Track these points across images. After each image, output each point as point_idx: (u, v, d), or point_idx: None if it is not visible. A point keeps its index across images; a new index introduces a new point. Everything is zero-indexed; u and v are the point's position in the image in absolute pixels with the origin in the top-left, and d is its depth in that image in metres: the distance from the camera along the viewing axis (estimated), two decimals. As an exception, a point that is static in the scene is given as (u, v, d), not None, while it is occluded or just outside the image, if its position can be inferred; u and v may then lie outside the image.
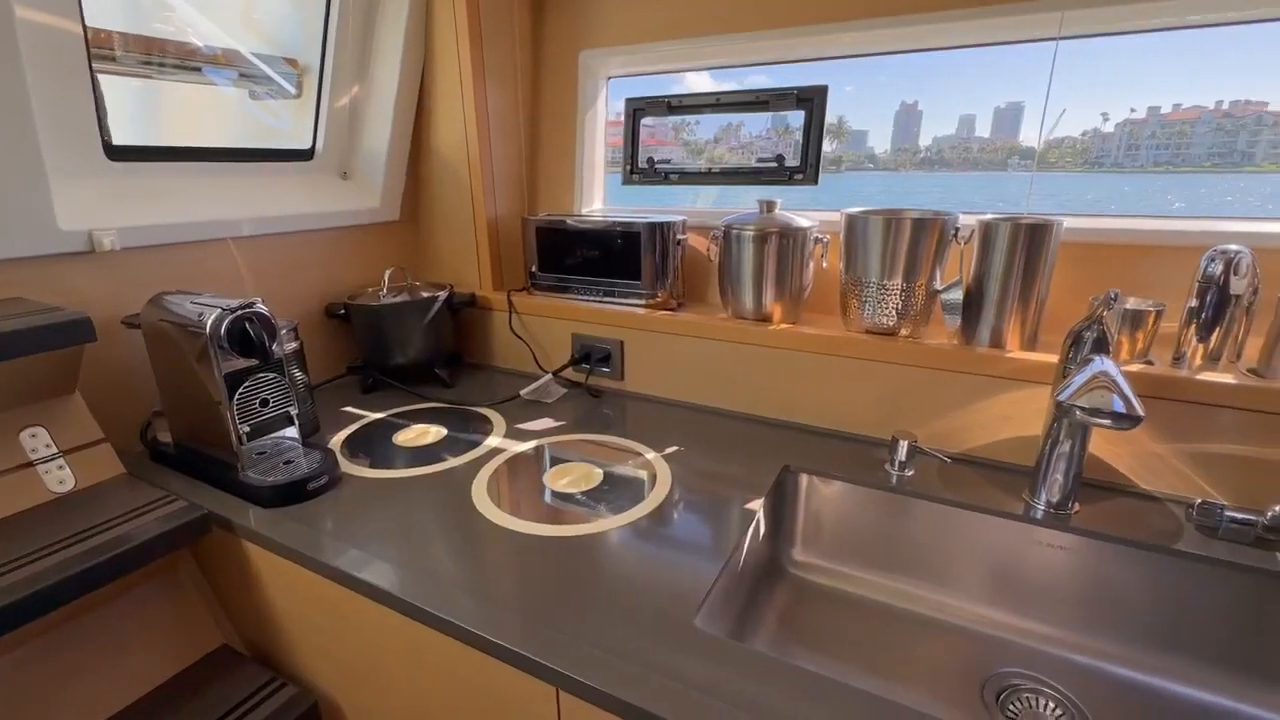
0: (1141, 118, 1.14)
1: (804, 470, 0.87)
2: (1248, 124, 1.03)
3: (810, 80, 1.07)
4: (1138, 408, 0.52)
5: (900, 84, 1.24)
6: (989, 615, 0.80)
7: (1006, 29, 0.88)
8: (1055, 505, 0.75)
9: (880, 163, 1.39)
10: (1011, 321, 0.85)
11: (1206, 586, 0.69)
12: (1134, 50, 0.89)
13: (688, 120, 1.32)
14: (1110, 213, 0.91)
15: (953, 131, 1.33)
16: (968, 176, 1.33)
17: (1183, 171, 1.10)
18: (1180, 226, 0.85)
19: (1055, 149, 1.21)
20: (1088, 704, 0.69)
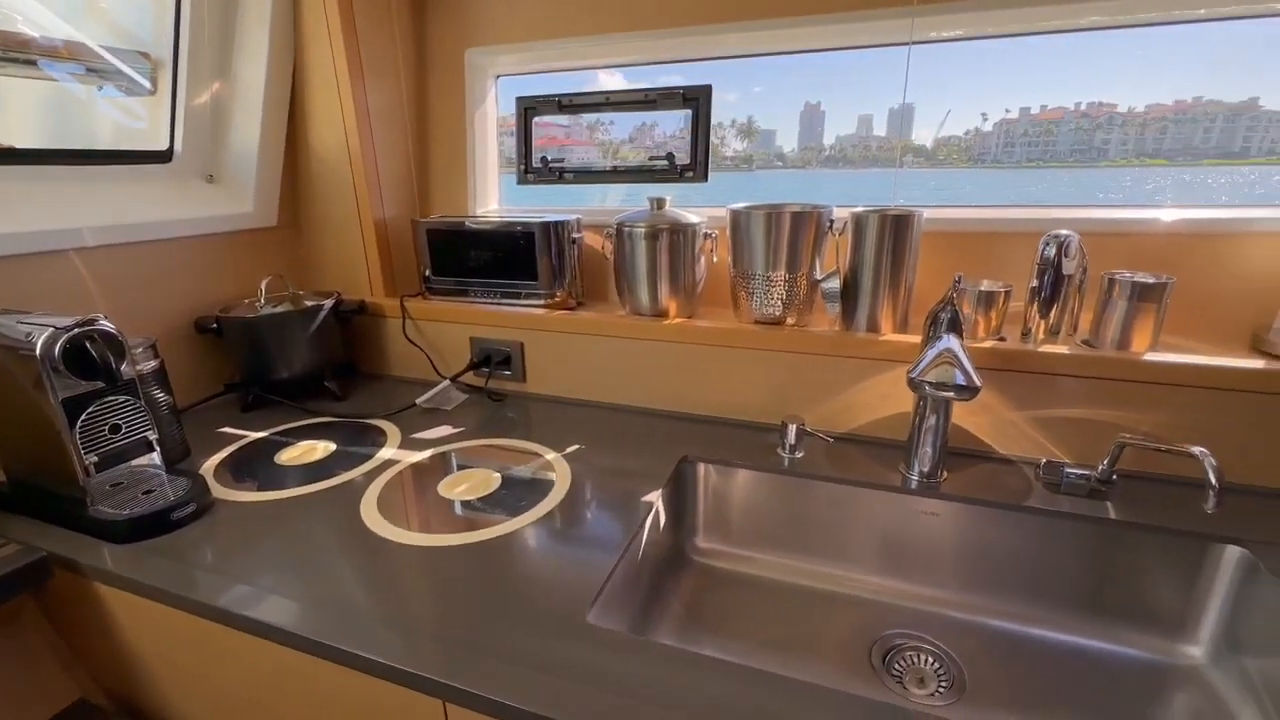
0: (1015, 118, 1.25)
1: (701, 460, 0.89)
2: (1102, 123, 1.15)
3: (720, 78, 1.10)
4: (975, 379, 0.58)
5: (804, 85, 1.30)
6: (877, 583, 0.85)
7: (865, 33, 0.94)
8: (926, 475, 0.81)
9: (789, 161, 1.45)
10: (885, 306, 0.90)
11: (1055, 538, 0.76)
12: (1007, 55, 0.97)
13: (603, 120, 1.32)
14: (964, 204, 0.99)
15: (853, 130, 1.40)
16: (867, 173, 1.41)
17: (1050, 166, 1.21)
18: (1022, 215, 0.93)
19: (944, 146, 1.30)
20: (961, 655, 0.74)
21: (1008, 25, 0.89)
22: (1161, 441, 0.71)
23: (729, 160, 1.49)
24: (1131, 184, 1.13)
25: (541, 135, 1.40)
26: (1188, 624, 0.72)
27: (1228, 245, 0.86)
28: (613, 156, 1.29)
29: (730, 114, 1.46)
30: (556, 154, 1.23)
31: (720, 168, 1.51)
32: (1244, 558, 0.67)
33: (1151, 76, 1.07)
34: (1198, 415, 0.77)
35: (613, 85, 1.25)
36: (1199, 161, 1.12)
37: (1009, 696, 0.70)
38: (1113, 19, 0.87)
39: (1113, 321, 0.82)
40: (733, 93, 1.34)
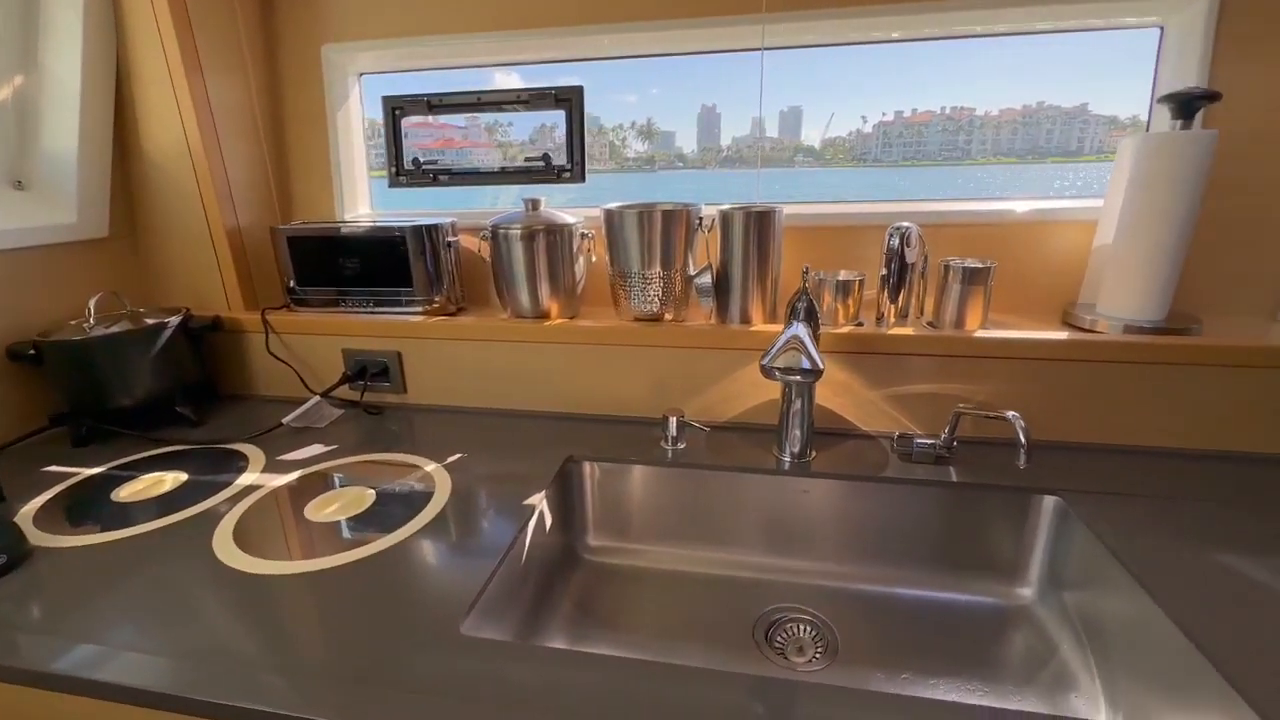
0: (891, 120, 1.34)
1: (587, 459, 0.89)
2: (964, 125, 1.27)
3: (620, 80, 1.10)
4: (819, 363, 0.62)
5: (701, 87, 1.32)
6: (760, 562, 0.89)
7: (721, 38, 0.99)
8: (797, 456, 0.86)
9: (689, 161, 1.48)
10: (755, 298, 0.95)
11: (910, 503, 0.83)
12: (883, 61, 1.05)
13: (502, 121, 1.29)
14: (823, 200, 1.07)
15: (747, 132, 1.46)
16: (761, 173, 1.47)
17: (923, 165, 1.32)
18: (871, 209, 1.01)
19: (830, 147, 1.38)
20: (835, 621, 0.80)
21: (848, 34, 0.96)
22: (989, 409, 0.80)
23: (631, 161, 1.51)
24: (989, 179, 1.26)
25: (438, 137, 1.36)
26: (1019, 568, 0.81)
27: (1041, 233, 0.98)
28: (521, 159, 1.27)
29: (630, 115, 1.47)
30: (455, 155, 1.20)
31: (624, 168, 1.52)
32: (1058, 505, 0.77)
33: (1003, 83, 1.18)
34: (1020, 383, 0.86)
35: (512, 86, 1.23)
36: (1044, 159, 1.26)
37: (877, 653, 0.75)
38: (946, 30, 0.96)
39: (950, 304, 0.91)
40: (632, 94, 1.35)
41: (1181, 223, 0.81)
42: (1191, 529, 0.68)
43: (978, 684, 0.70)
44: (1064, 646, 0.73)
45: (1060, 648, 0.73)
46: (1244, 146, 0.88)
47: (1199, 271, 0.92)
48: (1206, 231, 0.91)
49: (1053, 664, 0.72)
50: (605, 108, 1.38)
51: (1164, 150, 0.80)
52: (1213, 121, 0.88)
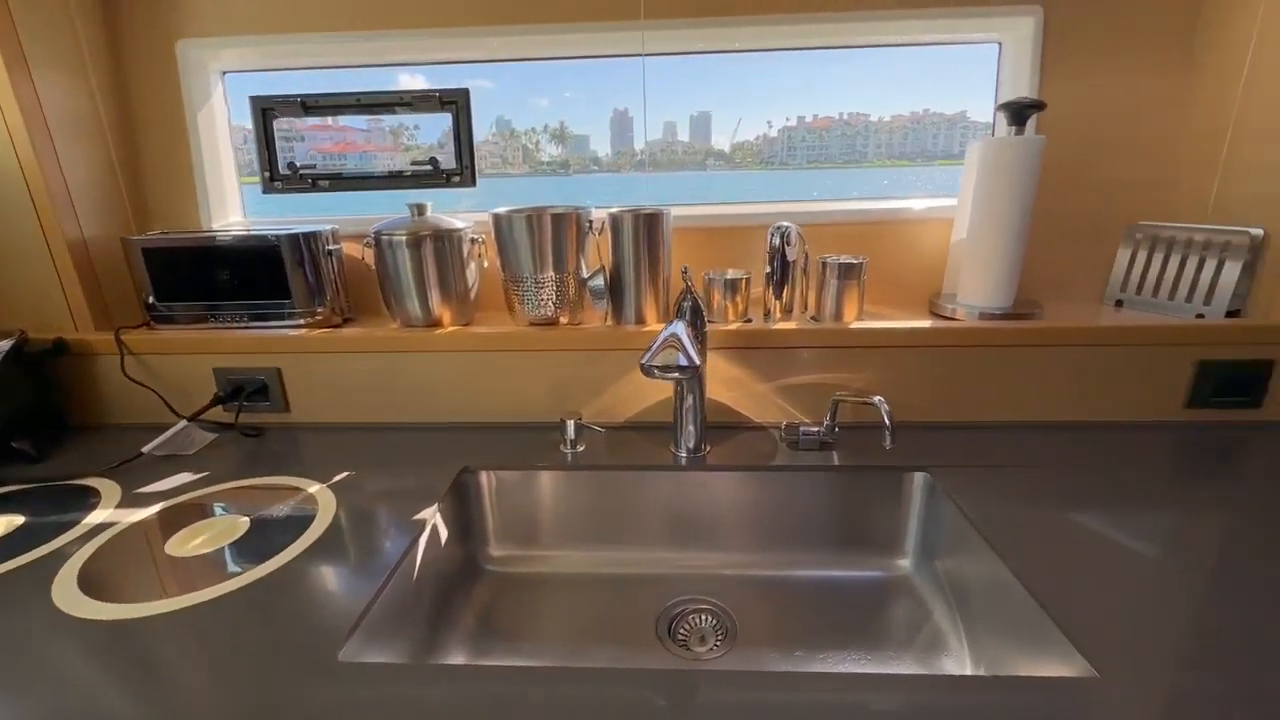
0: (794, 125, 1.40)
1: (484, 468, 0.88)
2: (860, 130, 1.34)
3: (534, 83, 1.07)
4: (695, 359, 0.64)
5: (614, 91, 1.32)
6: (662, 557, 0.90)
7: (603, 44, 1.00)
8: (693, 451, 0.89)
9: (604, 165, 1.47)
10: (648, 299, 0.97)
11: (800, 489, 0.87)
12: (785, 69, 1.09)
13: (407, 124, 1.24)
14: (710, 201, 1.10)
15: (660, 136, 1.47)
16: (675, 176, 1.48)
17: (825, 167, 1.38)
18: (755, 210, 1.06)
19: (739, 151, 1.42)
20: (734, 608, 0.82)
21: (721, 43, 1.00)
22: (866, 395, 0.85)
23: (546, 165, 1.49)
24: (885, 180, 1.34)
25: (339, 140, 1.29)
26: (897, 542, 0.87)
27: (909, 230, 1.06)
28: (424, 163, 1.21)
29: (543, 119, 1.45)
30: (359, 160, 1.14)
31: (539, 172, 1.49)
32: (926, 480, 0.83)
33: (894, 92, 1.26)
34: (894, 369, 0.93)
35: (419, 88, 1.17)
36: (931, 162, 1.36)
37: (773, 634, 0.79)
38: (804, 41, 1.02)
39: (828, 298, 0.96)
40: (544, 98, 1.33)
41: (1019, 219, 0.90)
42: (1036, 493, 0.76)
43: (862, 653, 0.75)
44: (937, 611, 0.79)
45: (934, 613, 0.79)
46: (1070, 150, 1.00)
47: (1039, 262, 1.03)
48: (1043, 227, 1.02)
49: (927, 628, 0.78)
50: (518, 111, 1.36)
51: (1001, 154, 0.89)
52: (1045, 128, 0.99)
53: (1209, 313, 0.91)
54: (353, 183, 1.14)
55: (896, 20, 0.96)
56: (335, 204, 1.15)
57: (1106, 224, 1.03)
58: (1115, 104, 0.99)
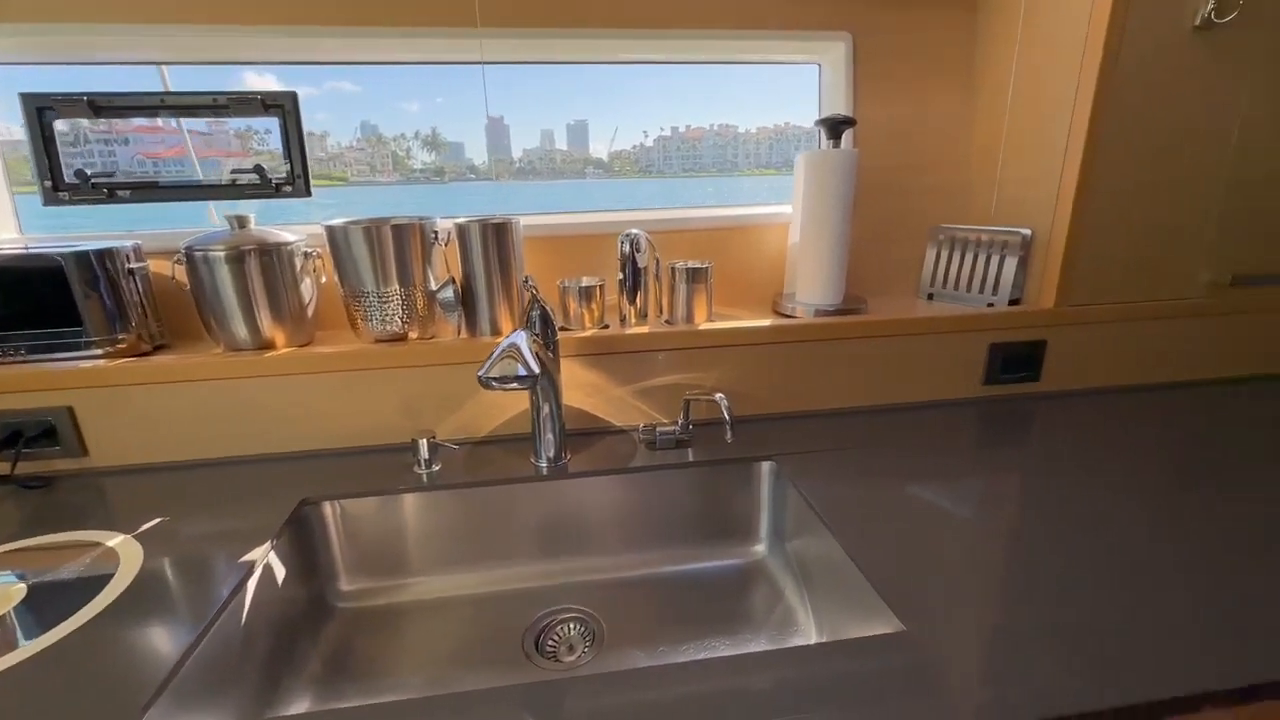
0: (669, 135, 1.43)
1: (327, 498, 0.82)
2: (730, 141, 1.40)
3: (404, 87, 1.00)
4: (534, 368, 0.65)
5: (487, 97, 1.27)
6: (529, 570, 0.89)
7: (439, 49, 0.97)
8: (553, 460, 0.88)
9: (481, 173, 1.41)
10: (502, 309, 0.95)
11: (660, 487, 0.90)
12: (658, 81, 1.10)
13: (256, 127, 1.10)
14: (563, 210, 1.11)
15: (537, 144, 1.44)
16: (554, 184, 1.46)
17: (700, 175, 1.42)
18: (608, 218, 1.08)
19: (618, 159, 1.42)
20: (601, 613, 0.83)
21: (560, 53, 1.01)
22: (713, 393, 0.90)
23: (419, 173, 1.42)
24: (754, 187, 1.41)
25: (173, 144, 1.14)
26: (751, 528, 0.92)
27: (753, 235, 1.13)
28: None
29: (414, 124, 1.38)
30: (206, 166, 1.00)
31: (412, 180, 1.41)
32: (772, 468, 0.89)
33: (758, 105, 1.32)
34: (742, 366, 0.98)
35: (261, 86, 1.06)
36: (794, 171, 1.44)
37: (639, 633, 0.80)
38: (645, 55, 1.06)
39: (679, 302, 1.00)
40: (415, 102, 1.27)
41: (841, 223, 0.99)
42: (865, 471, 0.84)
43: (722, 639, 0.78)
44: (788, 590, 0.85)
45: (785, 592, 0.85)
46: (883, 161, 1.11)
47: (864, 262, 1.14)
48: (865, 230, 1.13)
49: (779, 608, 0.83)
50: (387, 116, 1.29)
51: (822, 164, 0.97)
52: (861, 142, 1.10)
53: (996, 301, 1.05)
54: (165, 193, 1.02)
55: (723, 39, 1.03)
56: (169, 215, 1.02)
57: (917, 227, 1.16)
58: (917, 121, 1.13)
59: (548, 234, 1.04)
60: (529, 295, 0.81)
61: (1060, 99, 0.96)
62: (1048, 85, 0.98)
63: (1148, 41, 0.90)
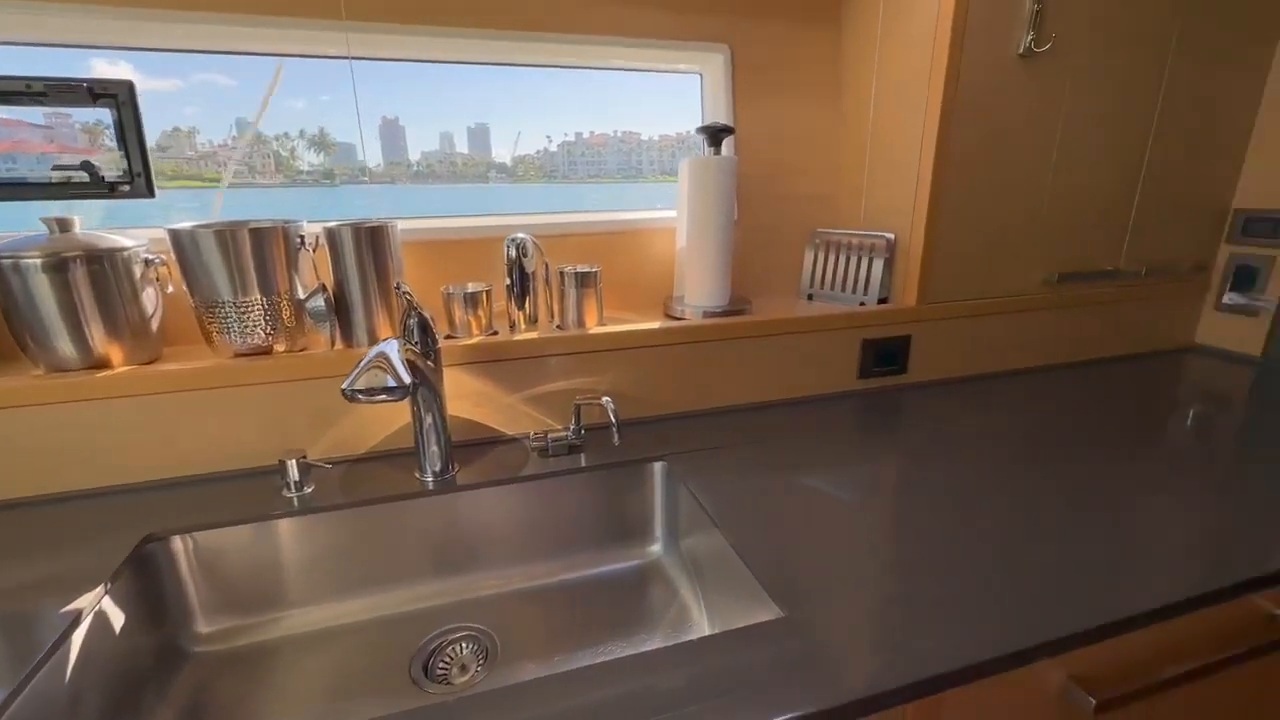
0: (573, 140, 1.41)
1: (177, 531, 0.74)
2: (635, 149, 1.40)
3: (286, 82, 0.90)
4: (405, 378, 0.62)
5: (380, 98, 1.20)
6: (419, 591, 0.85)
7: (302, 41, 0.91)
8: (440, 473, 0.85)
9: (375, 176, 1.33)
10: (380, 317, 0.90)
11: (554, 494, 0.89)
12: (558, 86, 1.08)
13: (104, 120, 0.95)
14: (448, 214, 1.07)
15: (436, 147, 1.38)
16: (455, 188, 1.39)
17: (605, 181, 1.41)
18: (494, 222, 1.05)
19: (521, 164, 1.38)
20: (495, 628, 0.80)
21: (433, 52, 0.98)
22: (602, 397, 0.90)
23: (306, 175, 1.32)
24: (658, 194, 1.42)
25: (8, 137, 0.98)
26: (647, 529, 0.93)
27: (643, 239, 1.14)
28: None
29: (298, 123, 1.28)
30: (34, 163, 0.86)
31: (300, 183, 1.30)
32: (664, 468, 0.91)
33: (661, 113, 1.33)
34: (634, 368, 0.99)
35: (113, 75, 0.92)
36: None
37: (534, 646, 0.78)
38: (526, 58, 1.05)
39: (570, 306, 0.99)
40: (299, 99, 1.18)
41: (723, 227, 1.03)
42: (750, 466, 0.87)
43: (618, 642, 0.78)
44: (683, 588, 0.86)
45: (680, 589, 0.86)
46: (764, 168, 1.17)
47: (750, 265, 1.19)
48: (750, 234, 1.18)
49: (675, 605, 0.84)
50: (267, 113, 1.19)
51: (704, 171, 1.00)
52: (743, 150, 1.14)
53: (867, 301, 1.13)
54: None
55: (606, 45, 1.04)
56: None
57: (798, 231, 1.23)
58: (794, 131, 1.19)
59: (431, 239, 1.00)
60: (405, 302, 0.77)
61: (912, 115, 1.05)
62: (902, 102, 1.07)
63: (981, 67, 1.00)
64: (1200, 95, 1.19)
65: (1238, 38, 1.18)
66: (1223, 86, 1.21)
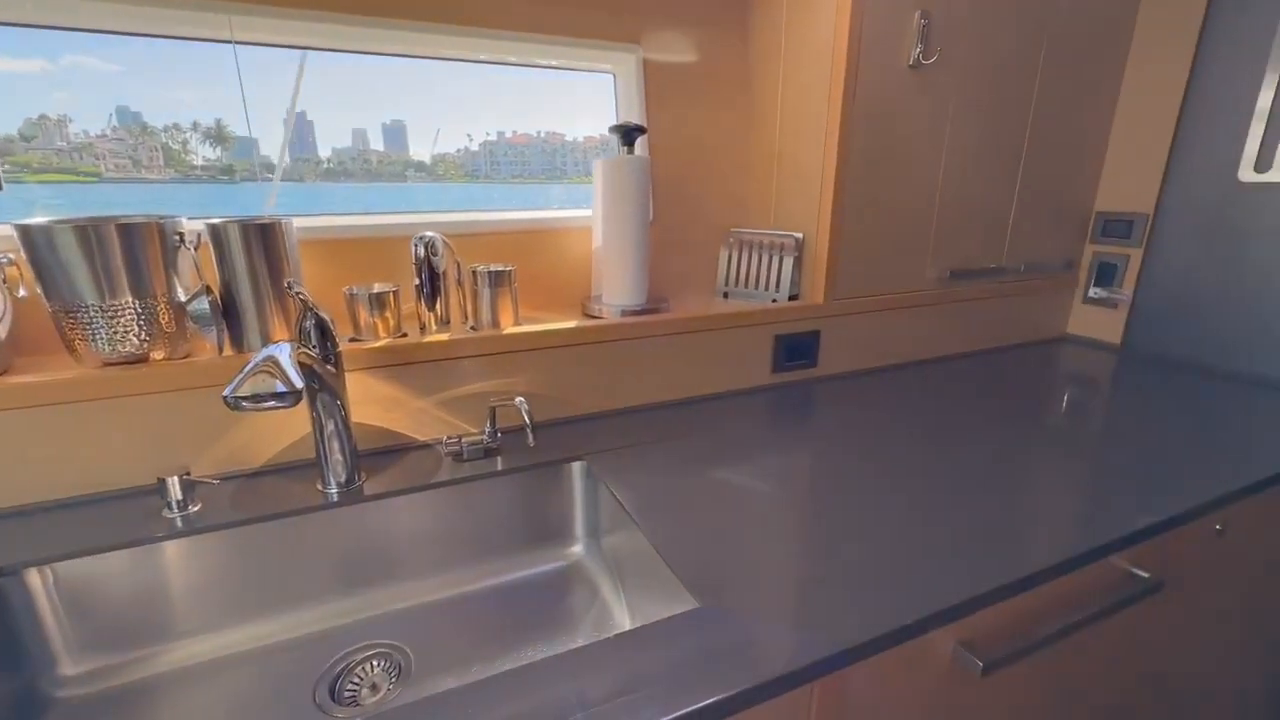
0: (495, 140, 1.36)
1: (33, 564, 0.66)
2: (559, 149, 1.36)
3: (169, 70, 0.80)
4: (296, 382, 0.58)
5: (281, 90, 1.10)
6: (326, 610, 0.80)
7: (179, 22, 0.84)
8: (345, 483, 0.80)
9: (283, 173, 1.24)
10: (275, 319, 0.84)
11: (471, 500, 0.86)
12: (480, 83, 1.08)
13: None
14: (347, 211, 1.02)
15: (349, 144, 1.30)
16: (371, 188, 1.32)
17: (529, 182, 1.37)
18: (400, 220, 1.01)
19: (441, 163, 1.32)
20: (409, 643, 0.77)
21: (321, 39, 0.93)
22: (514, 398, 0.88)
23: (201, 170, 1.21)
24: (582, 194, 1.40)
25: None
26: (568, 530, 0.92)
27: (561, 238, 1.13)
28: None
29: (189, 114, 1.16)
30: None
31: (195, 179, 1.20)
32: (583, 467, 0.90)
33: (586, 113, 1.31)
34: (551, 369, 0.98)
35: None
36: None
37: (451, 657, 0.75)
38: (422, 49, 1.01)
39: (484, 306, 0.97)
40: (189, 89, 1.07)
41: (639, 226, 1.03)
42: (668, 462, 0.88)
43: (539, 646, 0.77)
44: (604, 586, 0.86)
45: (601, 588, 0.85)
46: (679, 169, 1.19)
47: (669, 264, 1.21)
48: (666, 233, 1.20)
49: (596, 605, 0.84)
50: (149, 103, 1.08)
51: (617, 170, 1.01)
52: (659, 151, 1.16)
53: (779, 297, 1.17)
54: None
55: (516, 41, 1.02)
56: None
57: (714, 231, 1.26)
58: (709, 134, 1.22)
59: (333, 238, 0.95)
60: (300, 303, 0.72)
61: (815, 122, 1.09)
62: (806, 109, 1.12)
63: (875, 77, 1.06)
64: (1065, 110, 1.31)
65: (1091, 66, 1.32)
66: (1083, 104, 1.34)
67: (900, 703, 0.62)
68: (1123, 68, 1.37)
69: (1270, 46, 1.15)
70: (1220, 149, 1.24)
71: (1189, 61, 1.26)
